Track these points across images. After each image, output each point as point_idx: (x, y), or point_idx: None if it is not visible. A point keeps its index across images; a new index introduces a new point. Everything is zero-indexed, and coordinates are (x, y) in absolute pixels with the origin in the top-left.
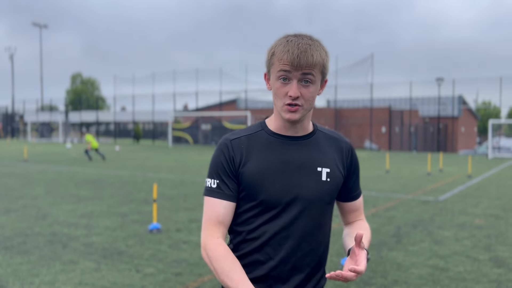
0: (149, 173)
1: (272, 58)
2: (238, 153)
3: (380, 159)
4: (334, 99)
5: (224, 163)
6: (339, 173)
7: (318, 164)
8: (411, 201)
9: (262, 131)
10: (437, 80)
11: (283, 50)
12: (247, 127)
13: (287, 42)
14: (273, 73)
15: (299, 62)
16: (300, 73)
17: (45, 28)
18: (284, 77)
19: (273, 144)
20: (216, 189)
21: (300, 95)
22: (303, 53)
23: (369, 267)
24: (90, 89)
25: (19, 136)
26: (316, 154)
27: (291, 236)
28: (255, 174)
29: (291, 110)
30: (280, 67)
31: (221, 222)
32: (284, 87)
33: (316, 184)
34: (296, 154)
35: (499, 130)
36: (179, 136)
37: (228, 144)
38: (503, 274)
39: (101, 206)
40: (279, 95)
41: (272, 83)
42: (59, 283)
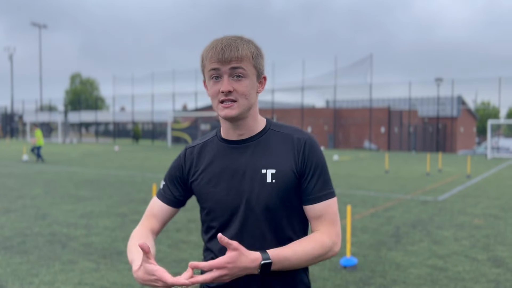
0: (148, 173)
1: (203, 61)
2: (188, 162)
3: (379, 159)
4: (333, 99)
5: (175, 169)
6: (290, 172)
7: (262, 166)
8: (410, 201)
9: (214, 137)
10: (436, 80)
11: (208, 49)
12: (208, 133)
13: (212, 41)
14: (206, 75)
15: (223, 55)
16: (229, 68)
17: (44, 28)
18: (215, 75)
19: (220, 151)
20: (160, 190)
21: (234, 90)
22: (226, 47)
23: (368, 267)
24: (89, 89)
25: (18, 136)
26: (261, 155)
27: (244, 244)
28: (202, 184)
29: (226, 106)
30: (209, 66)
31: (154, 215)
32: (216, 85)
33: (260, 187)
34: (240, 158)
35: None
36: (178, 136)
37: (183, 152)
38: (501, 274)
39: (100, 206)
40: (213, 94)
41: (207, 86)
42: (58, 283)
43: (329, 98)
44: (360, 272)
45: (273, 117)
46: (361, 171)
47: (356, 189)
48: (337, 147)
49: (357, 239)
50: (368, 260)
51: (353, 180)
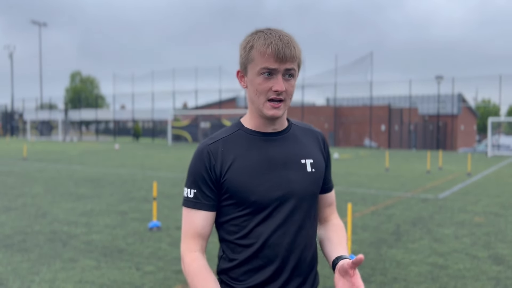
0: (149, 171)
1: (250, 52)
2: (218, 159)
3: (380, 157)
4: (333, 97)
5: (202, 171)
6: (322, 162)
7: (301, 157)
8: (411, 199)
9: (239, 131)
10: (437, 78)
11: (265, 43)
12: (224, 129)
13: (266, 35)
14: (253, 69)
15: (284, 54)
16: (284, 68)
17: (44, 26)
18: (268, 72)
19: (254, 143)
20: (193, 199)
21: (284, 90)
22: (286, 45)
23: (369, 264)
24: (89, 87)
25: (18, 134)
26: (297, 146)
27: (287, 234)
28: (240, 178)
29: (275, 106)
30: (264, 63)
31: (199, 234)
32: (267, 82)
33: (303, 177)
34: (278, 150)
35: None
36: (178, 134)
37: (206, 151)
38: (502, 272)
39: (100, 204)
40: (262, 91)
41: (251, 80)
42: (59, 281)
43: (329, 96)
44: (361, 270)
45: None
46: (362, 169)
47: (357, 187)
48: (337, 145)
49: (357, 237)
50: (369, 258)
51: (353, 178)
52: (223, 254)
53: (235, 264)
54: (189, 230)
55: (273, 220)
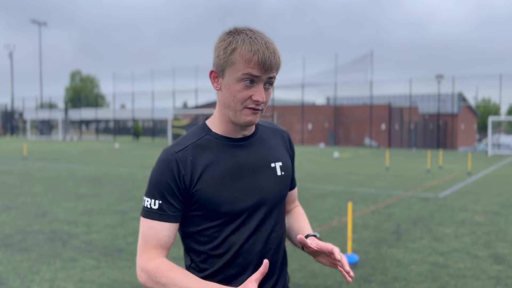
0: (149, 170)
1: (232, 55)
2: (187, 168)
3: (380, 156)
4: (333, 97)
5: (170, 181)
6: (289, 163)
7: (271, 160)
8: (411, 198)
9: (207, 136)
10: (437, 77)
11: (251, 50)
12: (189, 133)
13: (252, 39)
14: (233, 73)
15: (270, 64)
16: (267, 77)
17: (44, 25)
18: (249, 79)
19: (223, 149)
20: (157, 211)
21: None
22: (272, 54)
23: (369, 264)
24: (89, 86)
25: (18, 133)
26: (265, 150)
27: (259, 240)
28: (211, 189)
29: (254, 113)
30: (248, 70)
31: (162, 245)
32: (247, 90)
33: (274, 181)
34: (248, 156)
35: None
36: (178, 134)
37: (174, 159)
38: (503, 271)
39: (101, 204)
40: (240, 98)
41: (228, 84)
42: (59, 280)
43: (329, 95)
44: (361, 269)
45: (274, 114)
46: (362, 168)
47: (357, 186)
48: (337, 144)
49: (357, 236)
50: (369, 257)
51: (353, 177)
52: (191, 263)
53: (207, 274)
54: (151, 242)
55: (246, 229)
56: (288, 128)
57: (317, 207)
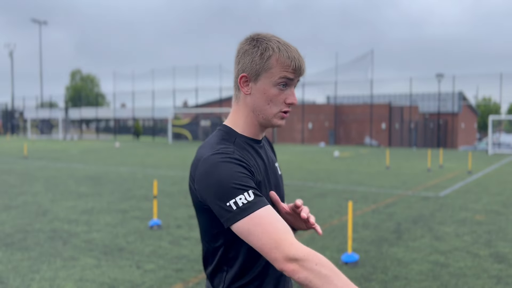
0: (149, 169)
1: (269, 61)
2: (248, 161)
3: (380, 155)
4: (334, 96)
5: (245, 172)
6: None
7: (274, 160)
8: (412, 197)
9: (237, 139)
10: (437, 76)
11: (289, 57)
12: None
13: (287, 47)
14: (269, 78)
15: (302, 69)
16: (297, 80)
17: (45, 24)
18: (284, 83)
19: (254, 151)
20: (256, 199)
21: None
22: (303, 60)
23: (370, 263)
24: (89, 85)
25: (19, 132)
26: (270, 152)
27: None
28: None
29: (285, 117)
30: (285, 74)
31: (288, 228)
32: (281, 93)
33: (280, 179)
34: (266, 156)
35: (499, 126)
36: (179, 133)
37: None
38: (503, 270)
39: (101, 203)
40: (276, 102)
41: (263, 89)
42: (59, 279)
43: (329, 94)
44: (362, 268)
45: None
46: (362, 167)
47: (357, 185)
48: (338, 143)
49: (358, 235)
50: (370, 256)
51: (354, 176)
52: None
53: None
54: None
55: None
56: (288, 127)
57: (317, 206)
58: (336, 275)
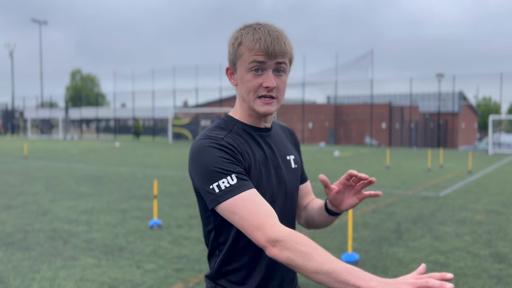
0: (149, 169)
1: (239, 49)
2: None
3: (380, 155)
4: (334, 95)
5: (229, 157)
6: (299, 157)
7: (286, 153)
8: (412, 197)
9: (235, 126)
10: (437, 76)
11: (254, 39)
12: (217, 125)
13: (255, 30)
14: (242, 65)
15: (273, 50)
16: (275, 62)
17: (45, 24)
18: (257, 68)
19: (253, 138)
20: (239, 183)
21: (275, 86)
22: (275, 40)
23: (370, 263)
24: (89, 85)
25: (19, 132)
26: (282, 143)
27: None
28: (258, 169)
29: (267, 103)
30: (253, 57)
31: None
32: (257, 78)
33: (291, 172)
34: (272, 146)
35: (500, 126)
36: (179, 133)
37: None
38: (503, 270)
39: (101, 203)
40: (252, 87)
41: (240, 76)
42: (60, 279)
43: (330, 94)
44: (362, 268)
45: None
46: (362, 167)
47: None
48: (338, 143)
49: (358, 235)
50: (370, 256)
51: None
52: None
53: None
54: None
55: None
56: None
57: None
58: (316, 251)
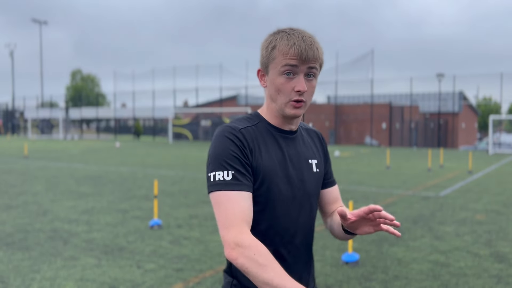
0: (150, 169)
1: (272, 52)
2: (249, 144)
3: (381, 155)
4: (334, 95)
5: (237, 151)
6: (322, 162)
7: (309, 157)
8: (412, 197)
9: (260, 123)
10: (438, 76)
11: (288, 44)
12: (245, 117)
13: (289, 35)
14: (275, 68)
15: (307, 55)
16: (306, 67)
17: (45, 24)
18: (289, 71)
19: (275, 138)
20: (232, 181)
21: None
22: (309, 46)
23: (370, 262)
24: (90, 85)
25: (19, 132)
26: (305, 147)
27: (298, 232)
28: (269, 168)
29: (297, 106)
30: (286, 61)
31: (247, 219)
32: (289, 82)
33: (312, 176)
34: (293, 149)
35: (500, 126)
36: (179, 133)
37: (237, 133)
38: (503, 270)
39: (101, 203)
40: (284, 90)
41: (272, 79)
42: (60, 279)
43: (330, 94)
44: (362, 267)
45: None
46: (363, 167)
47: (358, 185)
48: (338, 143)
49: (358, 235)
50: (370, 256)
51: (354, 176)
52: None
53: None
54: (235, 215)
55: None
56: None
57: None
58: (271, 265)
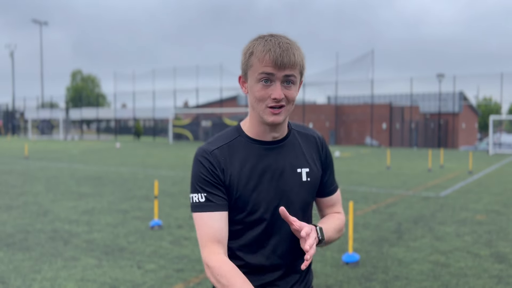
0: (150, 169)
1: (250, 59)
2: (220, 165)
3: (381, 155)
4: (334, 96)
5: (207, 175)
6: (317, 171)
7: (298, 166)
8: (412, 197)
9: (239, 137)
10: (438, 76)
11: (264, 50)
12: (223, 134)
13: (266, 41)
14: (252, 75)
15: (282, 61)
16: (283, 75)
17: (45, 25)
18: (266, 79)
19: (253, 152)
20: (205, 203)
21: (284, 97)
22: (285, 52)
23: (370, 263)
24: (90, 86)
25: (19, 133)
26: (294, 155)
27: (282, 242)
28: (240, 186)
29: (275, 113)
30: (262, 69)
31: (219, 238)
32: (266, 89)
33: (298, 186)
34: (276, 159)
35: (500, 126)
36: (179, 133)
37: (208, 156)
38: (504, 270)
39: (102, 203)
40: (261, 98)
41: (251, 86)
42: (60, 279)
43: (330, 94)
44: (362, 268)
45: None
46: (363, 167)
47: (358, 185)
48: (338, 143)
49: (359, 235)
50: (370, 256)
51: (354, 176)
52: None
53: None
54: (208, 235)
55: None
56: None
57: None
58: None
